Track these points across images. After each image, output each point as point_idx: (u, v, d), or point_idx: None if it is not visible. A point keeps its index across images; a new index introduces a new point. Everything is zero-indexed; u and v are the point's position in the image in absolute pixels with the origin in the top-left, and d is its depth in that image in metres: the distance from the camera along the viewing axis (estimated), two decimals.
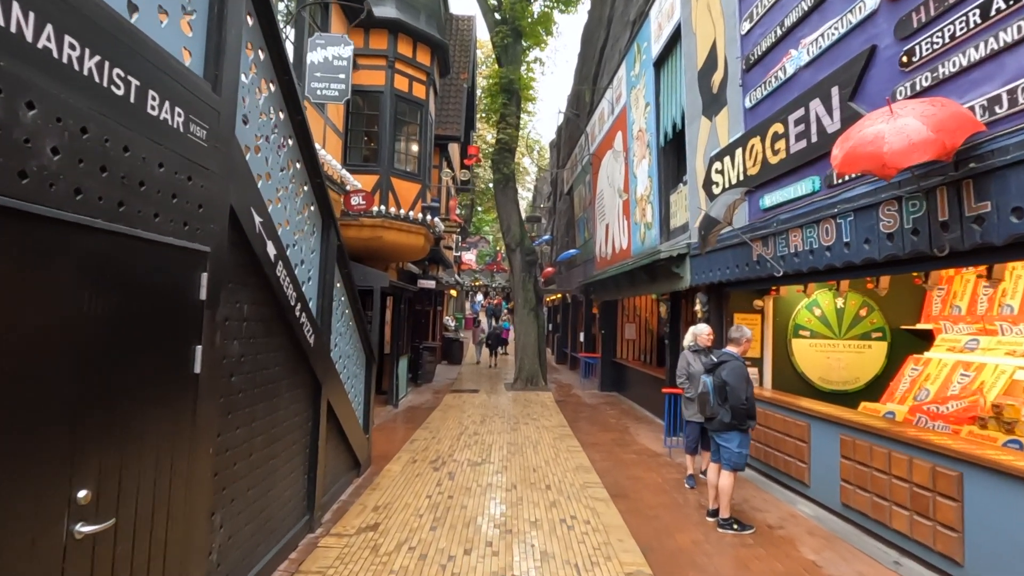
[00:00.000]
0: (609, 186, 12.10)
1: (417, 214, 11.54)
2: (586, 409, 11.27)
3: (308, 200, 4.28)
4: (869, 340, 7.33)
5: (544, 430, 8.93)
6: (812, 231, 4.67)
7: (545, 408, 11.21)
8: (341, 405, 5.22)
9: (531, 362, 14.10)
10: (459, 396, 12.50)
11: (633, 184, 10.22)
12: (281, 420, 3.88)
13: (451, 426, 9.11)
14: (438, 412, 10.46)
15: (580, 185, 16.00)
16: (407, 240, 11.46)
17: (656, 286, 8.73)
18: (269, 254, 3.39)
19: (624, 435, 8.76)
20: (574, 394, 13.39)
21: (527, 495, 5.62)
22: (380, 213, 10.84)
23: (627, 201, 10.66)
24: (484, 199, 32.06)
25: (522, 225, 14.72)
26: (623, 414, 10.75)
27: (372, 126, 11.43)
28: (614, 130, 11.64)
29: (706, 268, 6.89)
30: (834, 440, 4.94)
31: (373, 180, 11.22)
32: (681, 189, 8.17)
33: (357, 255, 11.44)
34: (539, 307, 14.82)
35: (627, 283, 10.39)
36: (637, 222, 10.00)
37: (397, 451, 7.31)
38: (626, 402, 12.27)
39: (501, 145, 14.11)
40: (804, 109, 4.72)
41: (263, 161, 3.43)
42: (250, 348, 3.35)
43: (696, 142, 7.21)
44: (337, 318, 5.16)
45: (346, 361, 5.58)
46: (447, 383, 14.75)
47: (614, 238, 11.71)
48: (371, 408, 6.51)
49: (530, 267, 14.54)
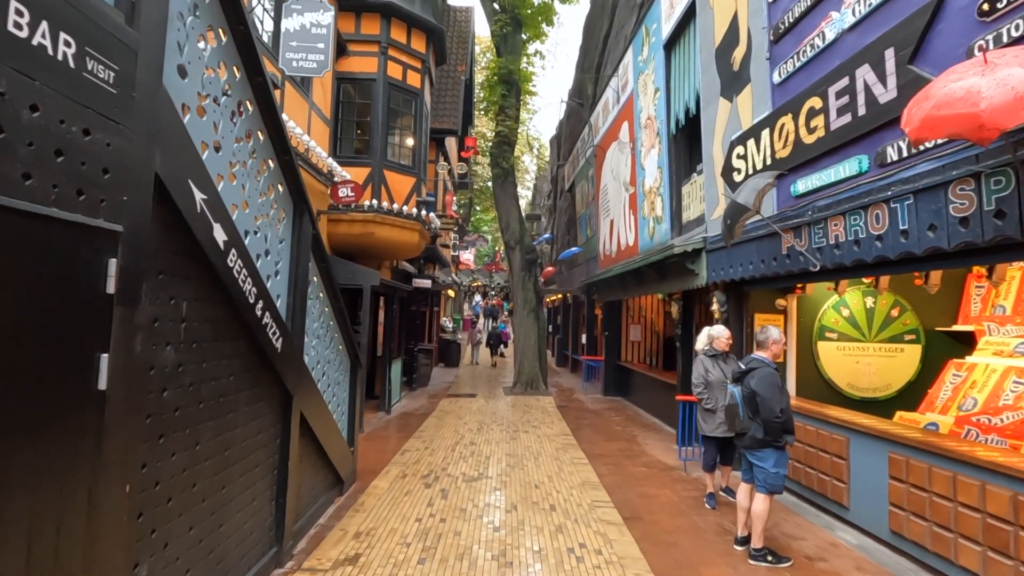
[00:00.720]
0: (614, 180, 11.49)
1: (411, 209, 10.93)
2: (589, 415, 10.65)
3: (274, 180, 3.66)
4: (901, 343, 6.71)
5: (546, 439, 8.31)
6: (858, 218, 4.06)
7: (546, 414, 10.59)
8: (318, 417, 4.59)
9: (531, 365, 13.48)
10: (456, 401, 11.87)
11: (641, 176, 9.62)
12: (239, 440, 3.26)
13: (446, 435, 8.48)
14: (433, 419, 9.84)
15: (582, 180, 15.39)
16: (401, 236, 10.84)
17: (667, 284, 8.11)
18: (217, 240, 2.77)
19: (632, 445, 8.14)
20: (576, 399, 12.77)
21: (529, 518, 5.00)
22: (372, 207, 10.24)
23: (634, 195, 10.05)
24: (482, 198, 31.43)
25: (522, 222, 14.11)
26: (629, 421, 10.13)
27: (364, 116, 10.82)
28: (619, 120, 11.03)
29: (725, 264, 6.28)
30: (880, 458, 4.32)
31: (365, 173, 10.61)
32: (695, 179, 7.56)
33: (347, 252, 10.82)
34: (539, 307, 14.21)
35: (634, 282, 9.78)
36: (645, 217, 9.39)
37: (386, 464, 6.68)
38: (631, 408, 11.65)
39: (500, 138, 13.49)
40: (849, 78, 4.11)
41: (210, 127, 2.81)
42: (192, 355, 2.73)
43: (713, 126, 6.60)
44: (313, 318, 4.54)
45: (326, 367, 4.95)
46: (443, 387, 14.13)
47: (619, 235, 11.10)
48: (356, 418, 5.89)
49: (530, 266, 13.92)
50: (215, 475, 2.99)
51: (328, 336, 5.00)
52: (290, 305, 3.93)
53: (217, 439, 3.00)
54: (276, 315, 3.53)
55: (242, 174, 3.17)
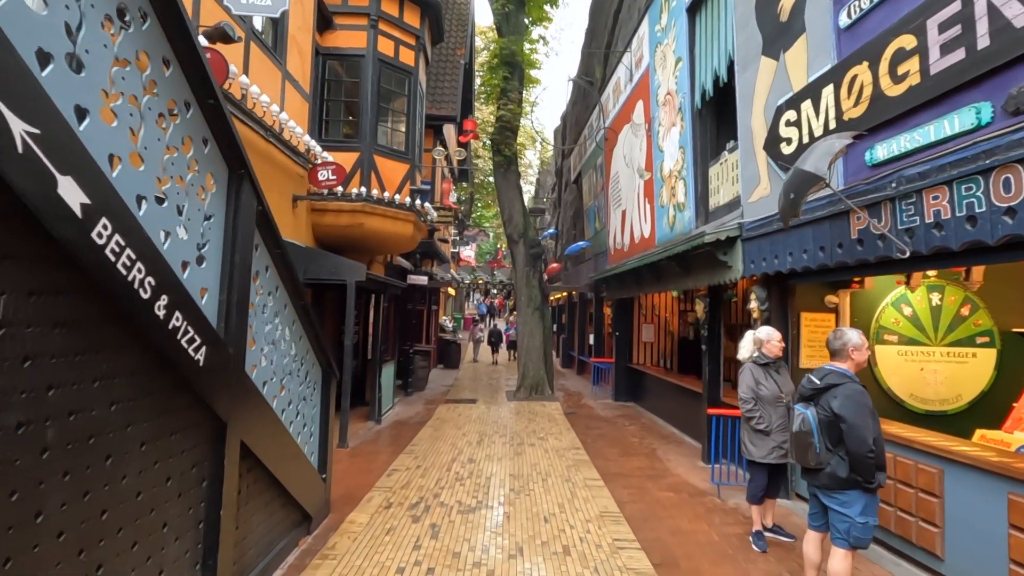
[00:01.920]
0: (626, 166, 10.51)
1: (404, 198, 9.97)
2: (601, 424, 9.68)
3: (194, 131, 2.69)
4: (973, 347, 5.73)
5: (554, 454, 7.34)
6: (975, 187, 3.08)
7: (553, 423, 9.62)
8: (272, 444, 3.63)
9: (536, 368, 12.51)
10: (454, 408, 10.91)
11: (658, 160, 8.63)
12: (129, 494, 2.29)
13: (441, 449, 7.52)
14: (428, 429, 8.87)
15: (590, 170, 14.41)
16: (393, 228, 9.88)
17: (692, 279, 7.13)
18: (66, 202, 1.80)
19: (653, 461, 7.17)
20: (585, 405, 11.80)
21: (538, 567, 4.03)
22: (361, 196, 9.29)
23: (650, 181, 9.07)
24: (484, 193, 30.42)
25: (525, 214, 13.13)
26: (645, 431, 9.15)
27: (352, 96, 9.85)
28: (633, 100, 10.04)
29: (767, 253, 5.30)
30: (994, 499, 3.34)
31: (353, 158, 9.65)
32: (725, 158, 6.58)
33: (335, 245, 9.87)
34: (544, 306, 13.23)
35: (651, 277, 8.80)
36: (663, 204, 8.41)
37: (370, 488, 5.72)
38: (646, 415, 10.67)
39: (502, 123, 12.51)
40: (961, 2, 3.12)
41: (57, 24, 1.84)
42: (25, 379, 1.76)
43: (751, 93, 5.62)
44: (264, 320, 3.57)
45: (285, 381, 3.99)
46: (441, 391, 13.17)
47: (633, 226, 10.11)
48: (330, 438, 4.92)
49: (535, 261, 12.94)
50: (82, 554, 2.02)
51: (289, 342, 4.03)
52: (224, 302, 2.96)
53: (85, 501, 2.03)
54: (196, 316, 2.56)
55: (128, 114, 2.20)
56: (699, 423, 7.86)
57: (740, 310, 12.07)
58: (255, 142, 6.06)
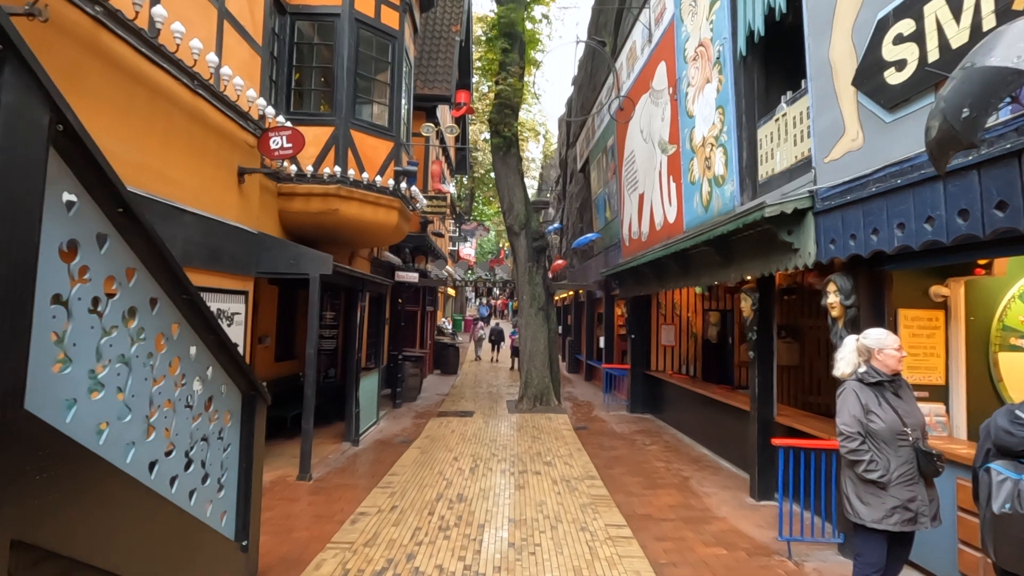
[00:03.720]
0: (644, 142, 9.09)
1: (387, 181, 8.58)
2: (617, 443, 8.25)
3: None
4: None
5: (565, 487, 5.92)
6: None
7: (561, 441, 8.20)
8: (117, 526, 2.22)
9: (540, 375, 11.09)
10: (447, 423, 9.49)
11: (686, 128, 7.21)
12: None
13: (426, 480, 6.11)
14: (414, 451, 7.46)
15: (599, 154, 12.99)
16: (374, 216, 8.49)
17: (736, 269, 5.71)
18: None
19: (687, 495, 5.74)
20: (597, 418, 10.37)
21: None
22: (335, 177, 7.92)
23: (675, 155, 7.65)
24: (484, 187, 29.00)
25: (527, 202, 11.72)
26: (670, 451, 7.72)
27: (326, 63, 8.47)
28: (653, 64, 8.63)
29: (857, 227, 3.88)
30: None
31: (326, 134, 8.28)
32: (783, 111, 5.15)
33: (307, 236, 8.48)
34: (549, 305, 11.81)
35: (677, 269, 7.37)
36: (694, 181, 6.99)
37: (324, 545, 4.31)
38: (668, 431, 9.24)
39: (500, 100, 11.10)
40: None
41: None
42: None
43: (831, 14, 4.19)
44: (92, 324, 2.15)
45: (162, 418, 2.57)
46: (435, 401, 11.75)
47: (653, 211, 8.70)
48: (254, 491, 3.50)
49: (538, 255, 11.53)
50: None
51: (164, 357, 2.62)
52: None
53: None
54: None
55: None
56: (740, 446, 6.43)
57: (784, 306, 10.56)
58: (176, 93, 4.67)
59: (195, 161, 5.00)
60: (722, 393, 7.45)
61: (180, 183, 4.76)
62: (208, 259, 5.19)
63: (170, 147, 4.63)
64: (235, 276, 5.70)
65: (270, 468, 6.38)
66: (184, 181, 4.83)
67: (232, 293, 5.64)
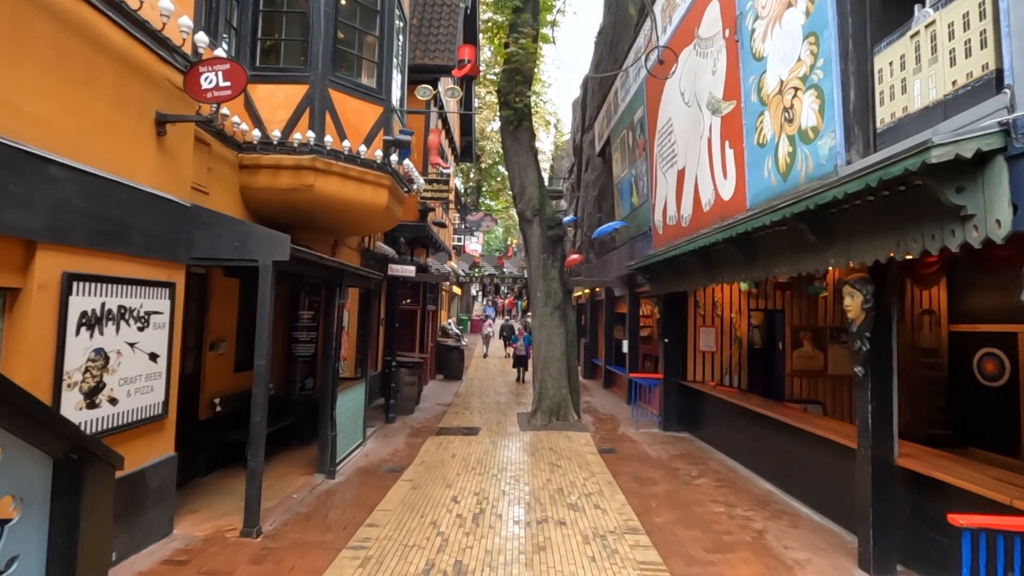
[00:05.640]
0: (686, 105, 7.50)
1: (374, 153, 7.07)
2: (656, 472, 6.67)
3: None
4: None
5: (600, 548, 4.36)
6: None
7: (587, 471, 6.63)
8: None
9: (556, 385, 9.52)
10: (447, 444, 7.93)
11: (752, 76, 5.63)
12: None
13: (414, 535, 4.56)
14: (403, 487, 5.92)
15: (623, 131, 11.39)
16: (358, 195, 7.00)
17: (846, 250, 4.09)
18: None
19: (771, 563, 4.15)
20: (624, 436, 8.78)
21: None
22: (309, 146, 6.46)
23: (733, 115, 6.06)
24: (492, 180, 27.42)
25: (542, 184, 10.14)
26: (725, 486, 6.13)
27: (299, 7, 6.95)
28: (698, 7, 7.04)
29: None
30: None
31: (299, 94, 6.80)
32: (928, 19, 3.55)
33: (277, 219, 7.00)
34: (567, 304, 10.25)
35: (740, 257, 5.76)
36: (764, 142, 5.40)
37: None
38: (713, 455, 7.64)
39: (511, 65, 9.52)
40: None
41: None
42: None
43: None
44: None
45: None
46: (436, 413, 10.21)
47: (700, 188, 7.11)
48: None
49: (554, 245, 9.96)
50: None
51: None
52: None
53: None
54: None
55: None
56: (827, 487, 4.86)
57: (833, 308, 9.02)
58: None
59: (76, 94, 3.47)
60: (796, 416, 5.86)
61: (45, 121, 3.24)
62: (104, 236, 3.68)
63: (23, 65, 3.10)
64: (152, 262, 4.18)
65: (210, 515, 4.86)
66: (54, 120, 3.31)
67: (148, 285, 4.12)
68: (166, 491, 4.39)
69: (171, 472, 4.46)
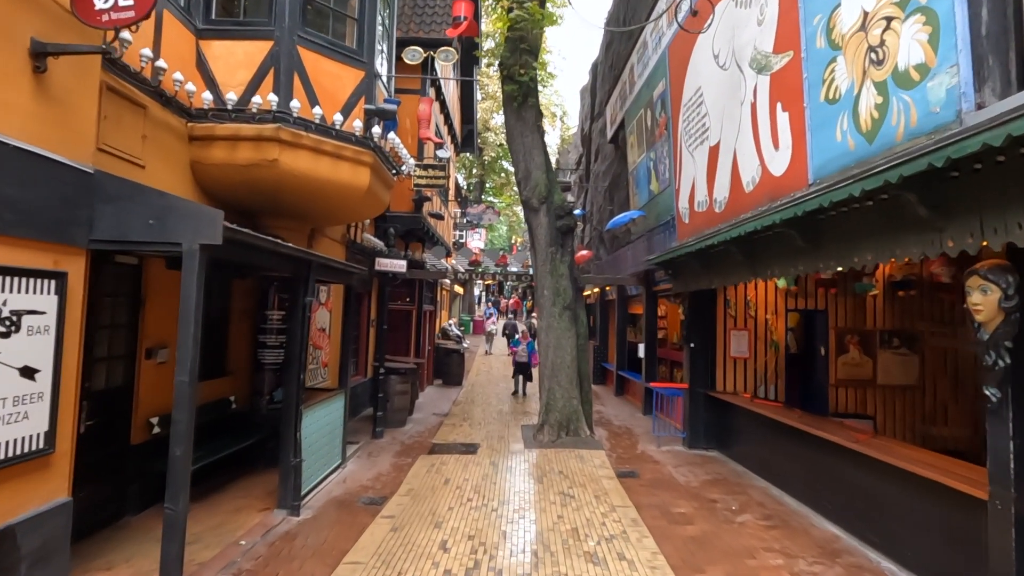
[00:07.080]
0: (721, 70, 6.36)
1: (352, 124, 5.98)
2: (688, 505, 5.52)
3: None
4: None
5: None
6: None
7: (606, 502, 5.49)
8: None
9: (566, 395, 8.39)
10: (440, 465, 6.81)
11: (817, 17, 4.48)
12: None
13: None
14: (381, 528, 4.79)
15: (640, 111, 10.25)
16: (333, 173, 5.90)
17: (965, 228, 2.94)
18: None
19: None
20: (645, 455, 7.64)
21: None
22: (272, 113, 5.39)
23: (789, 70, 4.92)
24: (495, 175, 26.26)
25: (549, 169, 9.02)
26: (776, 525, 4.98)
27: None
28: None
29: None
30: None
31: (262, 51, 5.74)
32: None
33: (239, 203, 5.94)
34: (578, 303, 9.13)
35: (803, 243, 4.59)
36: (836, 97, 4.25)
37: None
38: (751, 480, 6.49)
39: (515, 32, 8.39)
40: None
41: None
42: None
43: None
44: None
45: None
46: (431, 426, 9.09)
47: (739, 164, 5.96)
48: None
49: (563, 237, 8.84)
50: None
51: None
52: None
53: None
54: None
55: None
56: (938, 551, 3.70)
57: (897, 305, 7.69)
58: None
59: None
60: (872, 445, 4.70)
61: None
62: None
63: None
64: (27, 243, 3.08)
65: (127, 574, 3.76)
66: None
67: (19, 275, 3.02)
68: (54, 550, 3.28)
69: (63, 523, 3.36)
